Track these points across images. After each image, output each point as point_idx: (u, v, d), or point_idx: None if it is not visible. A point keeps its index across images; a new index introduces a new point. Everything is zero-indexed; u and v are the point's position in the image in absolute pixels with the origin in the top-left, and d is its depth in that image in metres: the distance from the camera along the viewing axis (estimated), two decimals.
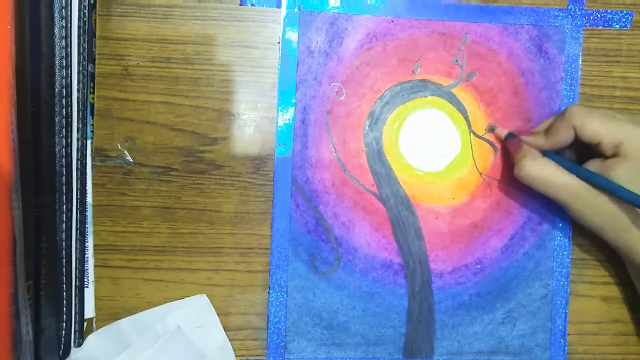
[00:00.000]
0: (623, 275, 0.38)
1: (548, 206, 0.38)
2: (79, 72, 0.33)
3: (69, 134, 0.32)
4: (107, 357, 0.33)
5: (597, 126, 0.33)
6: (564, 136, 0.34)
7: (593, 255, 0.39)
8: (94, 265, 0.36)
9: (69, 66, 0.32)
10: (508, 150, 0.37)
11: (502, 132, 0.37)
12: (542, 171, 0.34)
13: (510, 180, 0.38)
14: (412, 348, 0.38)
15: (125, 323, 0.35)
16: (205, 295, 0.36)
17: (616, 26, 0.39)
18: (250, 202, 0.37)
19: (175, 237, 0.37)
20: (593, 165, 0.34)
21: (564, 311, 0.39)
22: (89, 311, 0.36)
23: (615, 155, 0.33)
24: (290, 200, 0.37)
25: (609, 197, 0.33)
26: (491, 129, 0.38)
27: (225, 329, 0.37)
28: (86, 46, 0.34)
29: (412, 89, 0.38)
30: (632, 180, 0.32)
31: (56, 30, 0.31)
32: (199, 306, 0.36)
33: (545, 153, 0.35)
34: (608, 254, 0.38)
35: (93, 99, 0.36)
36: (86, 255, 0.35)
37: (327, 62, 0.37)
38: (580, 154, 0.36)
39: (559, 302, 0.39)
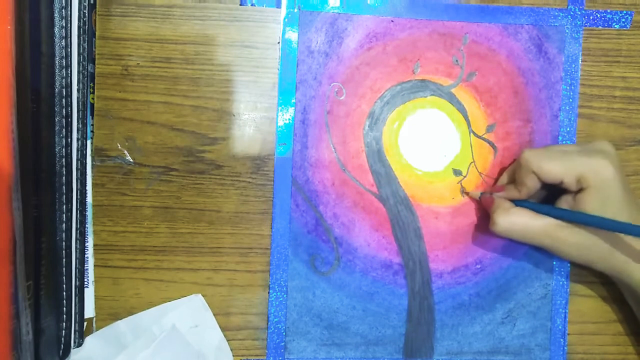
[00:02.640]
0: None
1: None
2: (79, 72, 0.33)
3: (69, 134, 0.32)
4: (106, 359, 0.33)
5: (553, 167, 0.33)
6: (530, 184, 0.34)
7: None
8: (94, 265, 0.36)
9: (69, 66, 0.32)
10: (485, 208, 0.37)
11: (476, 194, 0.38)
12: (515, 222, 0.34)
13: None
14: (412, 348, 0.38)
15: (122, 324, 0.35)
16: (200, 295, 0.37)
17: (616, 26, 0.39)
18: (250, 202, 0.37)
19: (175, 237, 0.37)
20: (565, 201, 0.34)
21: (563, 311, 0.39)
22: (89, 311, 0.36)
23: (580, 188, 0.33)
24: (290, 200, 0.37)
25: (586, 229, 0.33)
26: (465, 193, 0.38)
27: (225, 329, 0.37)
28: (86, 46, 0.34)
29: (412, 89, 0.38)
30: (604, 206, 0.32)
31: (56, 30, 0.31)
32: (194, 306, 0.36)
33: (516, 201, 0.35)
34: None
35: (93, 99, 0.36)
36: (86, 255, 0.35)
37: (327, 62, 0.37)
38: (551, 191, 0.36)
39: (558, 302, 0.39)
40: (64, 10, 0.32)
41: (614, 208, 0.32)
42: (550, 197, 0.36)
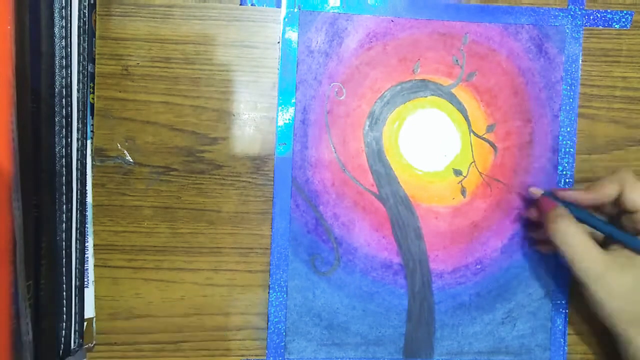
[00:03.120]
0: None
1: None
2: (79, 72, 0.33)
3: (69, 134, 0.32)
4: None
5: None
6: (607, 190, 0.33)
7: None
8: (94, 265, 0.36)
9: (69, 66, 0.32)
10: (540, 208, 0.36)
11: (538, 192, 0.36)
12: (574, 238, 0.33)
13: (510, 181, 0.38)
14: (412, 348, 0.38)
15: None
16: None
17: (616, 26, 0.38)
18: (250, 202, 0.37)
19: (175, 237, 0.37)
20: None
21: (564, 311, 0.39)
22: (89, 311, 0.36)
23: None
24: (290, 200, 0.37)
25: (630, 285, 0.32)
26: (530, 190, 0.37)
27: (225, 329, 0.37)
28: (86, 46, 0.34)
29: (412, 89, 0.38)
30: None
31: (56, 30, 0.31)
32: None
33: (577, 216, 0.34)
34: None
35: (93, 99, 0.36)
36: (86, 255, 0.35)
37: (327, 62, 0.37)
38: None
39: (559, 302, 0.38)
40: (64, 10, 0.32)
41: None
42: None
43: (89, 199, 0.36)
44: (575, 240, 0.33)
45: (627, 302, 0.32)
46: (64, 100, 0.32)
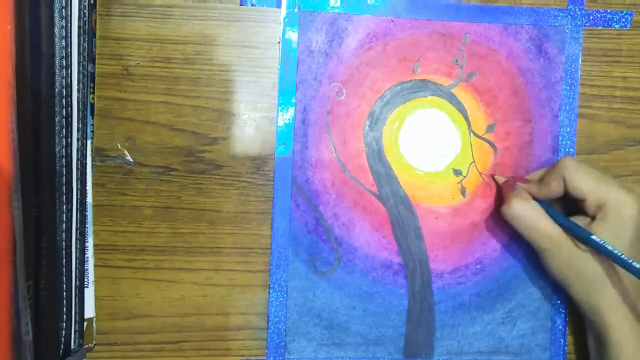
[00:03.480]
0: None
1: None
2: (79, 72, 0.33)
3: (69, 134, 0.32)
4: None
5: (584, 183, 0.33)
6: (554, 187, 0.34)
7: None
8: (94, 265, 0.36)
9: (69, 66, 0.32)
10: (502, 191, 0.37)
11: (500, 179, 0.38)
12: (528, 212, 0.34)
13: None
14: (412, 348, 0.38)
15: None
16: None
17: (616, 26, 0.39)
18: (250, 202, 0.37)
19: (175, 237, 0.37)
20: (577, 222, 0.34)
21: (564, 311, 0.39)
22: (89, 311, 0.36)
23: (596, 215, 0.33)
24: (290, 200, 0.37)
25: (587, 253, 0.33)
26: (491, 175, 0.38)
27: (225, 329, 0.37)
28: (86, 46, 0.34)
29: (412, 89, 0.38)
30: (612, 241, 0.32)
31: (56, 30, 0.31)
32: None
33: (536, 200, 0.35)
34: None
35: (93, 99, 0.36)
36: (86, 255, 0.35)
37: (327, 62, 0.37)
38: (566, 210, 0.36)
39: (559, 302, 0.39)
40: (64, 10, 0.32)
41: (622, 247, 0.32)
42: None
43: (89, 199, 0.36)
44: (533, 211, 0.34)
45: (576, 271, 0.34)
46: (64, 100, 0.32)
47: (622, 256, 0.31)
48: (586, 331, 0.36)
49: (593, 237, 0.32)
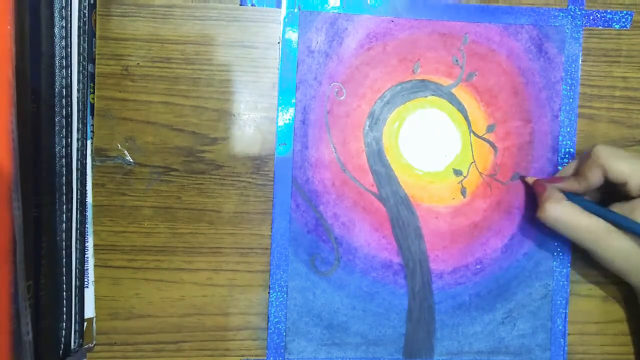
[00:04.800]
0: None
1: None
2: (79, 72, 0.33)
3: (69, 134, 0.32)
4: None
5: (623, 166, 0.33)
6: (594, 178, 0.34)
7: None
8: (94, 265, 0.36)
9: (69, 66, 0.32)
10: (535, 193, 0.37)
11: (530, 179, 0.37)
12: (565, 214, 0.34)
13: (510, 181, 0.38)
14: (412, 348, 0.38)
15: None
16: None
17: (616, 26, 0.39)
18: (250, 202, 0.37)
19: (175, 237, 0.37)
20: (617, 208, 0.34)
21: (564, 311, 0.39)
22: (89, 311, 0.36)
23: None
24: (290, 200, 0.37)
25: (634, 240, 0.33)
26: (520, 177, 0.38)
27: (225, 329, 0.37)
28: (86, 46, 0.34)
29: (412, 89, 0.38)
30: None
31: (56, 30, 0.31)
32: None
33: (569, 196, 0.35)
34: None
35: (93, 99, 0.36)
36: (86, 255, 0.35)
37: (327, 62, 0.37)
38: (604, 195, 0.36)
39: (559, 302, 0.39)
40: (64, 10, 0.32)
41: None
42: (602, 203, 0.35)
43: (89, 199, 0.36)
44: (570, 211, 0.34)
45: (635, 259, 0.33)
46: (64, 100, 0.32)
47: None
48: None
49: (630, 221, 0.32)
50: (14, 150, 0.26)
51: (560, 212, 0.34)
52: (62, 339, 0.33)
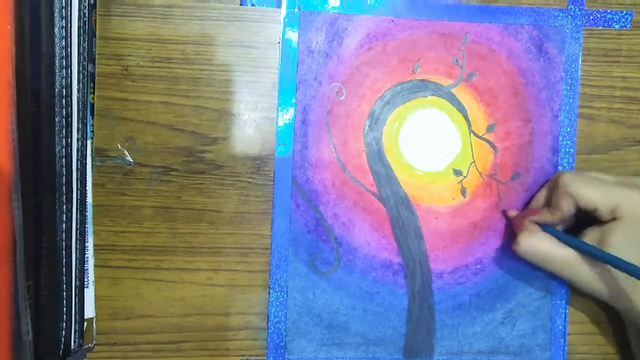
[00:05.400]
0: None
1: None
2: (79, 72, 0.33)
3: (69, 134, 0.32)
4: None
5: (590, 193, 0.33)
6: (566, 207, 0.34)
7: None
8: (94, 265, 0.36)
9: (69, 66, 0.32)
10: (514, 228, 0.37)
11: (512, 213, 0.37)
12: (538, 247, 0.34)
13: (510, 180, 0.38)
14: (412, 348, 0.38)
15: None
16: None
17: (616, 26, 0.39)
18: (250, 202, 0.37)
19: (175, 237, 0.37)
20: (592, 232, 0.34)
21: (564, 311, 0.39)
22: (89, 311, 0.36)
23: (612, 219, 0.33)
24: (290, 200, 0.37)
25: (609, 267, 0.33)
26: (502, 211, 0.38)
27: (225, 329, 0.37)
28: (86, 46, 0.34)
29: (412, 89, 0.38)
30: (630, 242, 0.32)
31: (56, 30, 0.31)
32: None
33: (543, 227, 0.35)
34: None
35: (93, 99, 0.36)
36: (86, 255, 0.35)
37: (327, 62, 0.37)
38: (582, 219, 0.36)
39: (559, 302, 0.39)
40: (64, 10, 0.32)
41: None
42: (578, 226, 0.36)
43: (89, 199, 0.36)
44: (542, 244, 0.34)
45: (612, 285, 0.34)
46: (64, 100, 0.32)
47: (632, 265, 0.30)
48: (629, 337, 0.37)
49: (601, 251, 0.32)
50: (14, 150, 0.26)
51: (533, 244, 0.34)
52: (62, 339, 0.33)
